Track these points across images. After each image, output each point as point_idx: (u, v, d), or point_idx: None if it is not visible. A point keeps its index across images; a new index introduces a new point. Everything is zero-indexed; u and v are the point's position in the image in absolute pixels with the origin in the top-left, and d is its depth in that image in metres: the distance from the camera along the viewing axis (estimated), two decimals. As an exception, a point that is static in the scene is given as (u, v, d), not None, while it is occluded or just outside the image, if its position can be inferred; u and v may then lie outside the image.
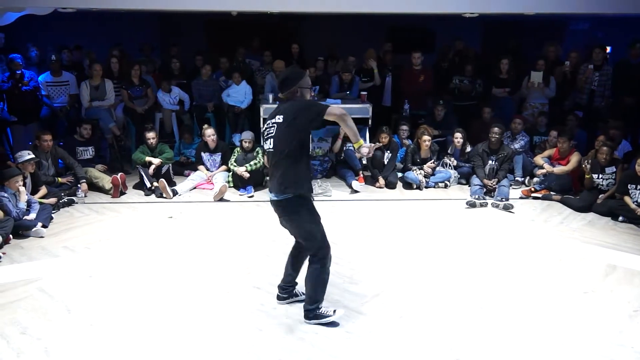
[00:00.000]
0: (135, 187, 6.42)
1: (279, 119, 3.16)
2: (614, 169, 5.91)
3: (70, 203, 5.78)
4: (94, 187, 6.23)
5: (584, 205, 5.87)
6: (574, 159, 6.27)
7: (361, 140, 3.27)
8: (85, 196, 5.97)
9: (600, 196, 5.89)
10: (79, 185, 5.99)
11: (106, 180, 6.18)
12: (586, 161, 6.00)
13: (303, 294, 3.71)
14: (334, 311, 3.43)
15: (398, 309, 3.69)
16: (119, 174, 6.22)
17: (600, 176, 5.95)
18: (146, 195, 6.19)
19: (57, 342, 3.24)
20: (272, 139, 3.18)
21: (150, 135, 6.48)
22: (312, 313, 3.40)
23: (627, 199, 5.60)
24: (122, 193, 6.18)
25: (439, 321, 3.55)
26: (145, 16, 9.35)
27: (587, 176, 6.02)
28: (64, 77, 7.35)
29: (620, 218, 5.58)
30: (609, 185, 5.91)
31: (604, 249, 4.84)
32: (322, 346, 3.23)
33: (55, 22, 7.92)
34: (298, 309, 3.56)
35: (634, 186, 5.56)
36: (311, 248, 3.28)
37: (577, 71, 7.56)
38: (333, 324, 3.41)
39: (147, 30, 9.72)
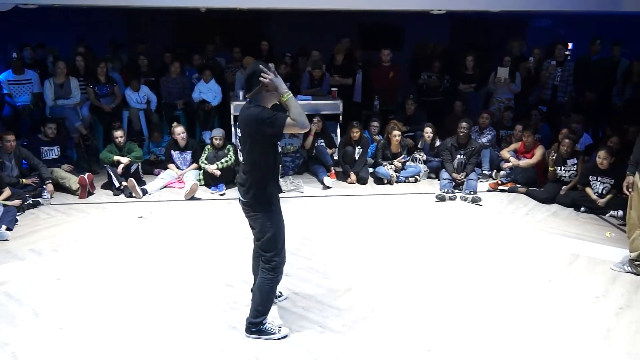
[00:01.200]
0: (104, 187, 6.29)
1: (239, 129, 3.05)
2: (576, 161, 6.09)
3: (36, 205, 5.62)
4: (61, 187, 6.06)
5: (548, 197, 6.04)
6: (539, 152, 6.43)
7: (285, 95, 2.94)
8: (51, 197, 5.81)
9: (563, 188, 6.06)
10: (44, 186, 5.81)
11: (73, 181, 6.03)
12: (552, 154, 6.17)
13: (279, 295, 3.71)
14: (279, 329, 3.27)
15: (370, 303, 3.72)
16: (86, 173, 6.08)
17: (563, 168, 6.13)
18: (115, 195, 6.07)
19: (25, 347, 3.15)
20: (239, 143, 3.11)
21: (118, 134, 6.35)
22: (256, 327, 3.21)
23: (588, 190, 5.78)
24: (90, 193, 6.05)
25: (410, 313, 3.60)
26: (111, 13, 9.16)
27: (550, 169, 6.19)
28: (27, 75, 7.14)
29: (583, 209, 5.76)
30: (571, 177, 6.09)
31: (567, 238, 5.00)
32: (296, 342, 3.24)
33: (17, 19, 7.68)
34: (273, 306, 3.56)
35: (594, 178, 5.74)
36: (267, 252, 3.11)
37: (541, 67, 7.75)
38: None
39: (114, 27, 9.52)
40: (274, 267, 3.14)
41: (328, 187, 6.46)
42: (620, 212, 5.41)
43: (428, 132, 7.03)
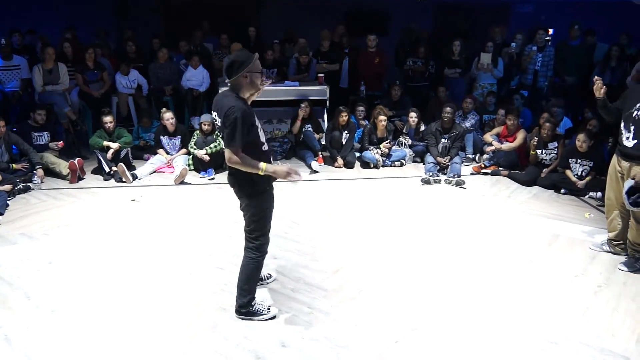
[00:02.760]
0: (94, 172, 6.19)
1: (215, 112, 2.93)
2: (556, 145, 6.11)
3: (26, 189, 5.52)
4: (51, 172, 5.96)
5: (530, 179, 6.06)
6: (520, 135, 6.44)
7: (262, 167, 2.85)
8: (42, 182, 5.70)
9: (544, 170, 6.09)
10: (34, 171, 5.71)
11: (63, 166, 5.92)
12: (534, 139, 6.18)
13: (268, 277, 3.69)
14: (268, 309, 3.25)
15: (357, 284, 3.72)
16: (77, 159, 5.97)
17: (544, 151, 6.15)
18: (105, 180, 5.98)
19: (18, 329, 3.10)
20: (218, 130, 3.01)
21: (108, 119, 6.23)
22: (245, 309, 3.18)
23: (568, 172, 5.81)
24: (80, 178, 5.95)
25: (396, 294, 3.60)
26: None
27: (532, 152, 6.21)
28: (15, 61, 6.97)
29: (563, 190, 5.79)
30: (552, 159, 6.12)
31: (548, 219, 5.03)
32: (285, 322, 3.23)
33: (4, 5, 7.46)
34: (263, 288, 3.55)
35: (574, 160, 5.77)
36: (254, 231, 3.06)
37: (522, 52, 7.73)
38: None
39: (101, 13, 9.28)
40: (258, 247, 3.10)
41: (316, 172, 6.42)
42: (599, 194, 5.46)
43: (413, 117, 7.01)
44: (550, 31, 8.95)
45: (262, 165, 2.85)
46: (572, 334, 3.17)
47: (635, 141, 3.77)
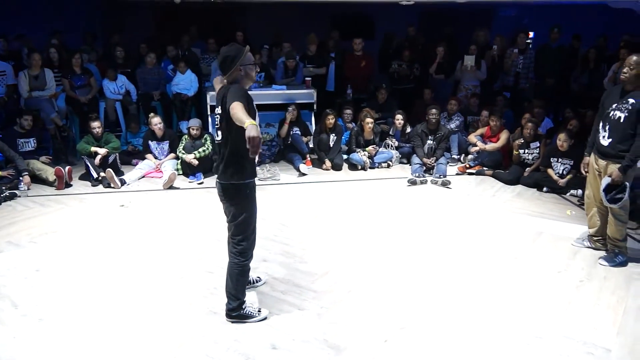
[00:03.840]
0: (82, 178, 6.11)
1: (219, 110, 2.95)
2: (538, 144, 6.18)
3: (13, 197, 5.43)
4: (38, 179, 5.87)
5: (513, 178, 6.12)
6: (504, 136, 6.51)
7: (248, 121, 2.56)
8: (29, 189, 5.62)
9: (527, 169, 6.15)
10: (20, 178, 5.62)
11: (50, 172, 5.84)
12: (520, 140, 6.24)
13: (257, 280, 3.68)
14: (259, 311, 3.24)
15: (347, 285, 3.72)
16: (67, 167, 5.88)
17: (526, 151, 6.22)
18: (93, 186, 5.91)
19: (5, 339, 3.04)
20: (218, 130, 3.02)
21: (96, 125, 6.16)
22: (236, 312, 3.16)
23: (550, 171, 5.88)
24: (68, 185, 5.87)
25: (385, 294, 3.61)
26: (87, 3, 8.84)
27: (515, 152, 6.27)
28: (0, 66, 6.85)
29: (545, 189, 5.86)
30: (534, 159, 6.18)
31: (531, 217, 5.08)
32: (275, 324, 3.22)
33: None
34: (252, 291, 3.53)
35: (555, 159, 5.84)
36: (236, 235, 3.06)
37: (504, 55, 7.82)
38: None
39: (89, 19, 9.20)
40: (241, 252, 3.09)
41: (304, 174, 6.41)
42: (580, 191, 5.52)
43: (399, 119, 7.04)
44: (531, 34, 9.08)
45: (249, 121, 2.57)
46: (556, 328, 3.20)
47: (611, 140, 3.86)
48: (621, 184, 3.80)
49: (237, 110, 2.63)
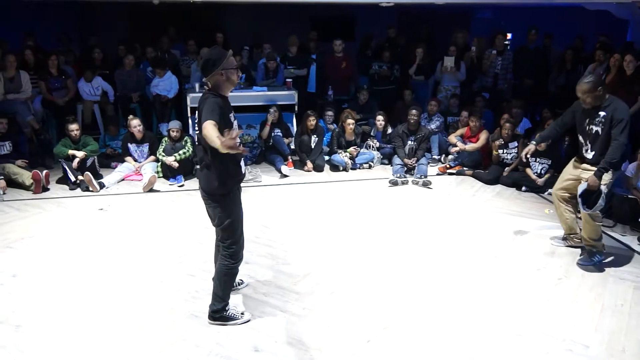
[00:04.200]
0: (59, 181, 5.99)
1: (196, 117, 2.94)
2: (517, 144, 6.27)
3: (-12, 201, 5.31)
4: (13, 183, 5.73)
5: (492, 178, 6.20)
6: (483, 136, 6.59)
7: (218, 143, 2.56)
8: (4, 193, 5.49)
9: (506, 169, 6.24)
10: (-4, 182, 5.50)
11: (26, 176, 5.70)
12: (500, 140, 6.32)
13: (240, 283, 3.65)
14: (242, 314, 3.22)
15: (329, 286, 3.72)
16: (44, 171, 5.76)
17: (505, 151, 6.30)
18: (71, 189, 5.80)
19: (-21, 346, 2.98)
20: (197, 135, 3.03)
21: (73, 127, 6.05)
22: (219, 314, 3.15)
23: (528, 170, 5.97)
24: (45, 189, 5.75)
25: (367, 293, 3.62)
26: (62, 5, 8.68)
27: (494, 152, 6.35)
28: (-26, 70, 6.69)
29: (524, 188, 5.95)
30: (513, 159, 6.27)
31: (511, 216, 5.15)
32: (258, 327, 3.20)
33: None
34: (235, 294, 3.51)
35: (533, 159, 5.93)
36: (226, 239, 3.05)
37: (483, 56, 7.91)
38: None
39: (65, 20, 9.03)
40: (232, 254, 3.08)
41: (286, 176, 6.40)
42: (557, 191, 5.62)
43: (380, 120, 7.07)
44: (509, 36, 9.20)
45: (219, 143, 2.57)
46: (535, 325, 3.25)
47: (594, 152, 3.94)
48: (597, 189, 3.85)
49: (208, 131, 2.63)
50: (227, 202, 2.99)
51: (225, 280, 3.13)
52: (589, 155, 3.99)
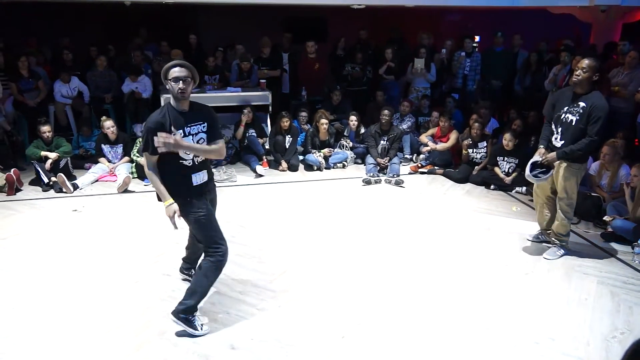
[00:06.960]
0: (32, 183, 5.86)
1: None
2: (485, 144, 6.41)
3: (-43, 204, 5.15)
4: (-16, 186, 5.59)
5: (462, 177, 6.32)
6: (453, 136, 6.71)
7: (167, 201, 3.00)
8: (-26, 196, 5.34)
9: (475, 168, 6.37)
10: (-35, 185, 5.34)
11: (-2, 178, 5.57)
12: (468, 140, 6.44)
13: (192, 275, 3.62)
14: (202, 327, 3.09)
15: (304, 283, 3.75)
16: (12, 169, 5.63)
17: (474, 150, 6.44)
18: (44, 191, 5.68)
19: (-50, 351, 2.90)
20: None
21: (46, 129, 5.91)
22: (185, 314, 3.03)
23: (497, 169, 6.11)
24: (18, 190, 5.62)
25: (342, 290, 3.66)
26: (32, 5, 8.46)
27: (464, 152, 6.48)
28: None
29: (492, 186, 6.09)
30: (482, 158, 6.41)
31: (480, 214, 5.27)
32: (235, 326, 3.20)
33: None
34: (211, 293, 3.49)
35: (502, 158, 6.08)
36: (205, 243, 3.07)
37: (452, 58, 8.05)
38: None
39: (35, 22, 8.79)
40: (214, 255, 3.05)
41: (261, 176, 6.39)
42: (524, 188, 5.78)
43: (353, 120, 7.13)
44: (477, 38, 9.38)
45: (166, 202, 2.99)
46: (503, 319, 3.34)
47: (563, 142, 3.96)
48: (549, 166, 3.95)
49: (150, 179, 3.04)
50: (186, 208, 3.03)
51: (208, 278, 3.06)
52: (558, 144, 3.96)
